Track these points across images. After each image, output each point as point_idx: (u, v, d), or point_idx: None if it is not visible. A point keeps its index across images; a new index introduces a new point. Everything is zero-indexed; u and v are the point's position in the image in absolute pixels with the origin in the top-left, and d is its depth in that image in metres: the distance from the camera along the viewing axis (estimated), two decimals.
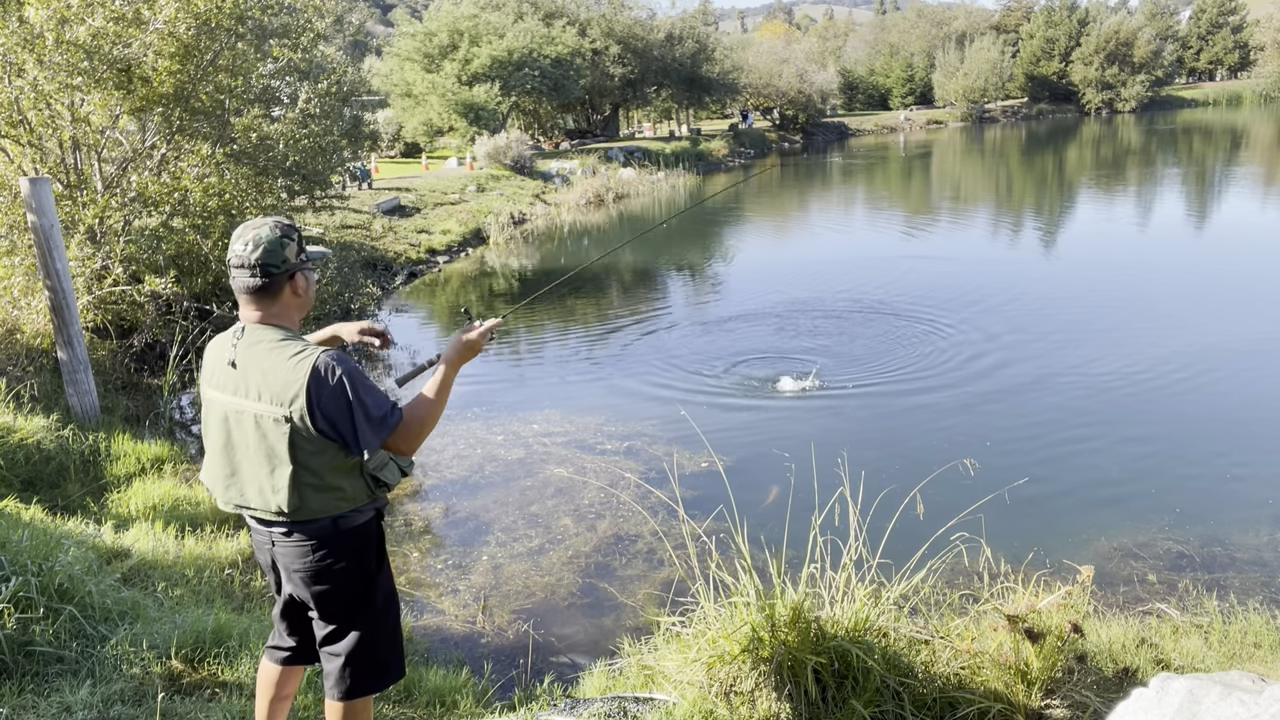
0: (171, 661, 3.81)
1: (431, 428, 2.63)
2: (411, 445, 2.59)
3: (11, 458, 6.19)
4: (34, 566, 3.93)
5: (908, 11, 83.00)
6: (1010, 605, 3.53)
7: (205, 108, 10.04)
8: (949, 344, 10.65)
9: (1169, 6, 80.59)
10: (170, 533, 5.55)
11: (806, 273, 15.98)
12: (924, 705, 3.28)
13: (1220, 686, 2.22)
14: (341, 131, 14.02)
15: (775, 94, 54.54)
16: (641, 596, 5.53)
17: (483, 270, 18.51)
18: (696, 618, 3.66)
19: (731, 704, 3.33)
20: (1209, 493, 6.78)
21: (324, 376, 2.46)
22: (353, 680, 2.70)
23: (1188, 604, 5.03)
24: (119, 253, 8.89)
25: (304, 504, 2.52)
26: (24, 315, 8.44)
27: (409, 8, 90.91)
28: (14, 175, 8.75)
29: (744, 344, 11.29)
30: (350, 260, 15.22)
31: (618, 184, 30.64)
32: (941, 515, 3.77)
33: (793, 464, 7.11)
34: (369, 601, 2.68)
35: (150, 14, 8.98)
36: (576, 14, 42.42)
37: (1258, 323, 10.99)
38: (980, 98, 65.42)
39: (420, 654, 4.80)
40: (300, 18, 11.81)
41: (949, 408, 8.62)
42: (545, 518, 6.68)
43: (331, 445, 2.49)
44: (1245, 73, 77.62)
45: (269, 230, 2.56)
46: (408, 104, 36.33)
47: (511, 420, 8.79)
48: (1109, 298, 12.52)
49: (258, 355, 2.53)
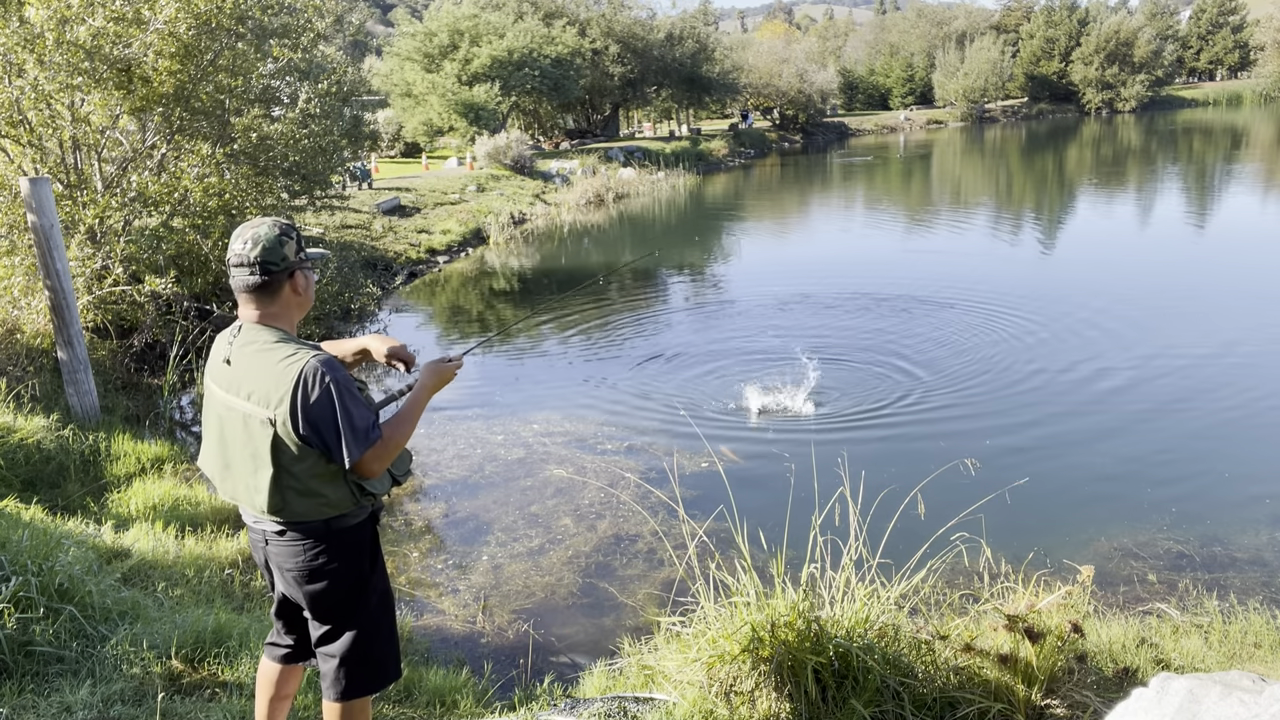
0: (171, 661, 3.81)
1: (396, 453, 2.60)
2: (381, 466, 2.55)
3: (11, 458, 6.19)
4: (34, 566, 3.93)
5: (908, 11, 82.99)
6: (1010, 605, 3.53)
7: (205, 108, 10.04)
8: (950, 343, 10.65)
9: (1169, 6, 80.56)
10: (170, 533, 5.55)
11: (806, 272, 15.97)
12: (924, 705, 3.28)
13: (1220, 686, 2.22)
14: (341, 131, 14.04)
15: (775, 94, 54.53)
16: (641, 596, 5.53)
17: (483, 270, 18.50)
18: (696, 618, 3.66)
19: (731, 704, 3.33)
20: (1209, 493, 6.78)
21: (311, 383, 2.44)
22: (348, 681, 2.70)
23: (1188, 604, 5.03)
24: (119, 253, 8.89)
25: (287, 506, 2.53)
26: (24, 315, 8.44)
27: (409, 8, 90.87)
28: (14, 175, 8.75)
29: (743, 343, 11.28)
30: (350, 260, 15.22)
31: (618, 184, 30.63)
32: (941, 515, 3.77)
33: (793, 464, 7.12)
34: (362, 602, 2.68)
35: (150, 14, 8.98)
36: (576, 14, 42.41)
37: (1258, 322, 10.98)
38: (980, 98, 65.42)
39: (420, 654, 4.80)
40: (300, 18, 11.81)
41: (949, 407, 8.61)
42: (545, 518, 6.68)
43: (313, 452, 2.48)
44: (1245, 73, 77.61)
45: (268, 229, 2.57)
46: (408, 104, 36.34)
47: (511, 420, 8.79)
48: (1109, 297, 12.51)
49: (250, 355, 2.54)
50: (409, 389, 2.82)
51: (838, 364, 10.05)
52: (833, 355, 10.42)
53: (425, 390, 2.75)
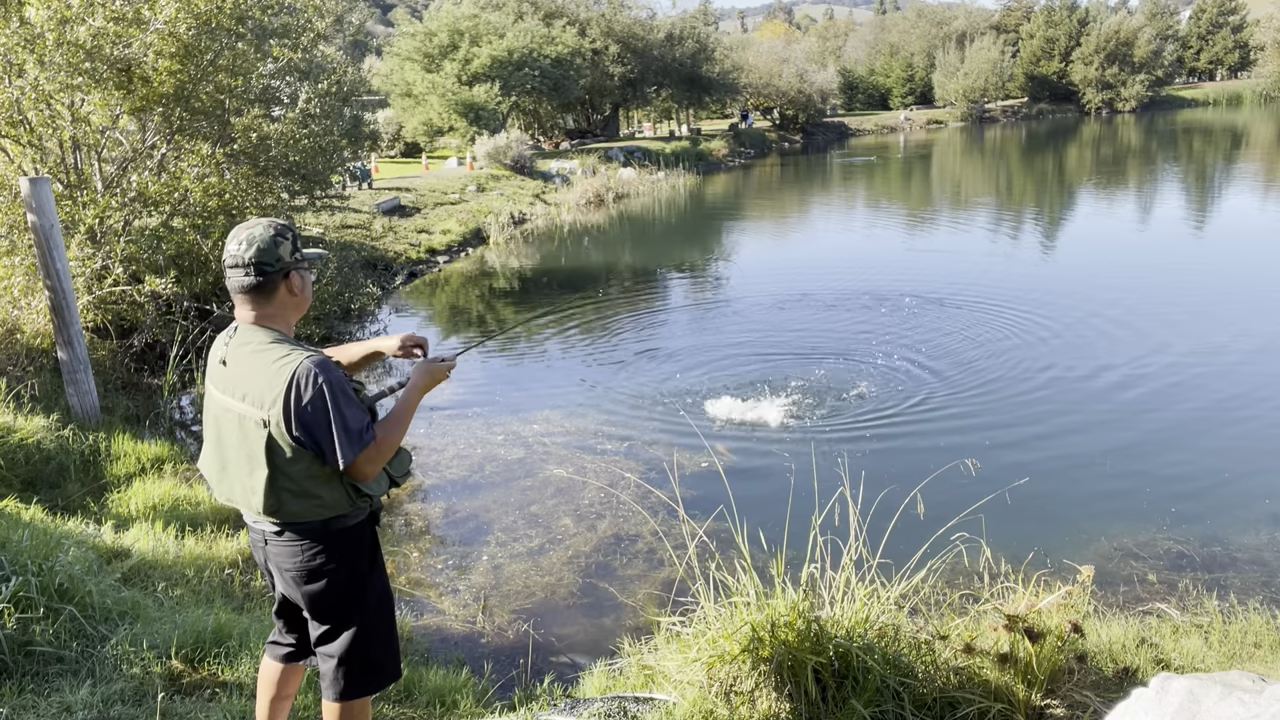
0: (171, 661, 3.81)
1: (389, 455, 2.59)
2: (375, 469, 2.55)
3: (11, 458, 6.19)
4: (34, 566, 3.93)
5: (908, 11, 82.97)
6: (1010, 605, 3.53)
7: (205, 107, 10.04)
8: (950, 343, 10.65)
9: (1169, 6, 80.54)
10: (170, 533, 5.55)
11: (806, 271, 15.97)
12: (924, 705, 3.28)
13: (1220, 686, 2.22)
14: (341, 131, 14.03)
15: (775, 94, 54.52)
16: (641, 596, 5.53)
17: (483, 270, 18.50)
18: (696, 618, 3.66)
19: (731, 704, 3.33)
20: (1209, 493, 6.78)
21: (304, 384, 2.44)
22: (347, 681, 2.70)
23: (1188, 604, 5.03)
24: (119, 253, 8.89)
25: (282, 507, 2.52)
26: (24, 315, 8.44)
27: (409, 8, 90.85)
28: (14, 175, 8.75)
29: (743, 342, 11.28)
30: (350, 260, 15.21)
31: (618, 184, 30.63)
32: (941, 515, 3.77)
33: (793, 464, 7.12)
34: (361, 602, 2.68)
35: (151, 14, 8.98)
36: (576, 14, 42.41)
37: (1258, 322, 10.98)
38: (980, 97, 65.40)
39: (420, 654, 4.79)
40: (300, 18, 11.81)
41: (950, 407, 8.61)
42: (545, 518, 6.68)
43: (307, 453, 2.48)
44: (1245, 72, 77.59)
45: (263, 230, 2.57)
46: (408, 104, 36.33)
47: (511, 420, 8.79)
48: (1109, 297, 12.51)
49: (245, 356, 2.54)
50: (400, 386, 2.81)
51: (837, 363, 10.05)
52: (833, 355, 10.42)
53: (416, 390, 2.73)
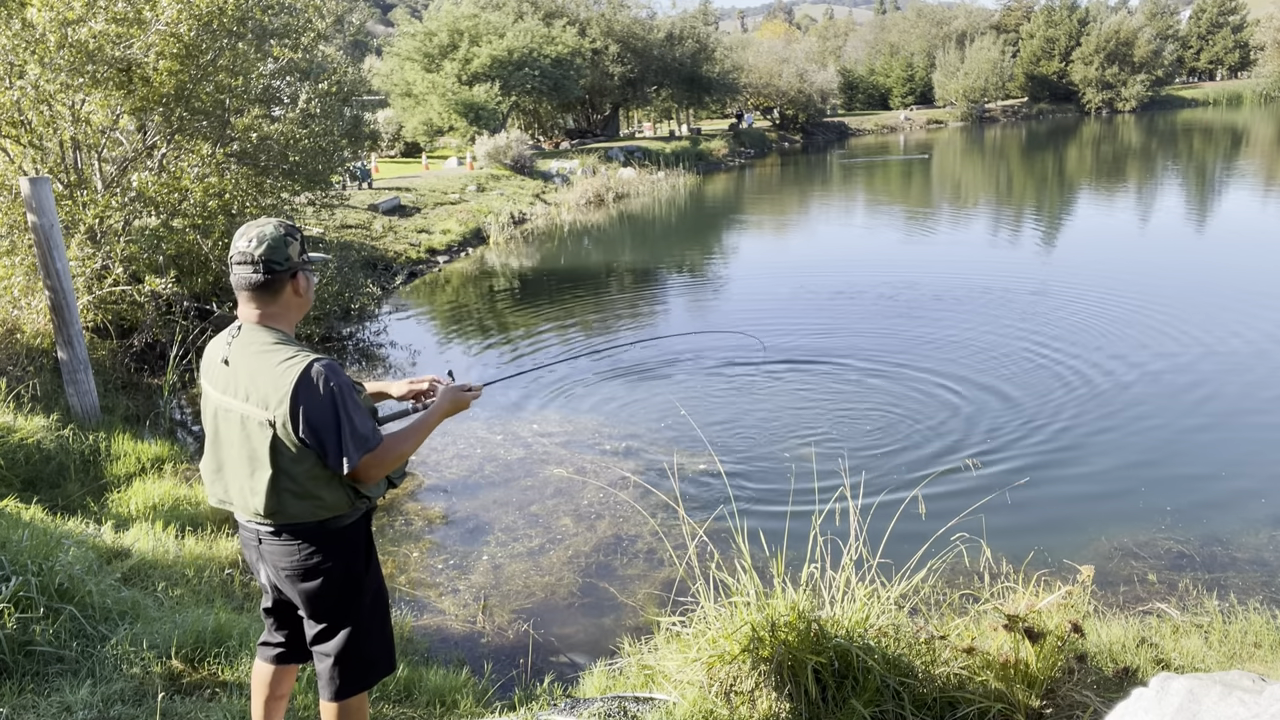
0: (171, 661, 3.81)
1: (396, 465, 2.60)
2: (379, 474, 2.55)
3: (11, 458, 6.19)
4: (34, 566, 3.93)
5: (908, 11, 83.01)
6: (1010, 605, 3.53)
7: (205, 107, 10.04)
8: (950, 342, 10.65)
9: (1169, 6, 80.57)
10: (170, 532, 5.55)
11: (806, 271, 15.97)
12: (924, 705, 3.28)
13: (1220, 686, 2.22)
14: (342, 131, 14.00)
15: (775, 94, 54.53)
16: (641, 596, 5.53)
17: (483, 270, 18.50)
18: (696, 617, 3.66)
19: (731, 704, 3.33)
20: (1209, 492, 6.78)
21: (313, 385, 2.44)
22: (342, 680, 2.71)
23: (1188, 604, 5.03)
24: (119, 253, 8.89)
25: (282, 508, 2.53)
26: (24, 315, 8.44)
27: (409, 8, 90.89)
28: (14, 175, 8.75)
29: (742, 342, 11.28)
30: (350, 260, 15.19)
31: (618, 184, 30.63)
32: (941, 515, 3.77)
33: (792, 464, 7.12)
34: (357, 600, 2.70)
35: (152, 15, 8.98)
36: (576, 14, 42.42)
37: (1258, 322, 10.98)
38: (980, 97, 65.41)
39: (420, 654, 4.79)
40: (300, 18, 11.81)
41: (950, 407, 8.61)
42: (545, 518, 6.67)
43: (311, 454, 2.48)
44: (1245, 72, 77.63)
45: (274, 228, 2.58)
46: (408, 104, 36.33)
47: (511, 420, 8.79)
48: (1109, 297, 12.51)
49: (250, 356, 2.54)
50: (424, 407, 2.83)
51: (837, 363, 10.05)
52: (833, 354, 10.41)
53: (439, 413, 2.78)
